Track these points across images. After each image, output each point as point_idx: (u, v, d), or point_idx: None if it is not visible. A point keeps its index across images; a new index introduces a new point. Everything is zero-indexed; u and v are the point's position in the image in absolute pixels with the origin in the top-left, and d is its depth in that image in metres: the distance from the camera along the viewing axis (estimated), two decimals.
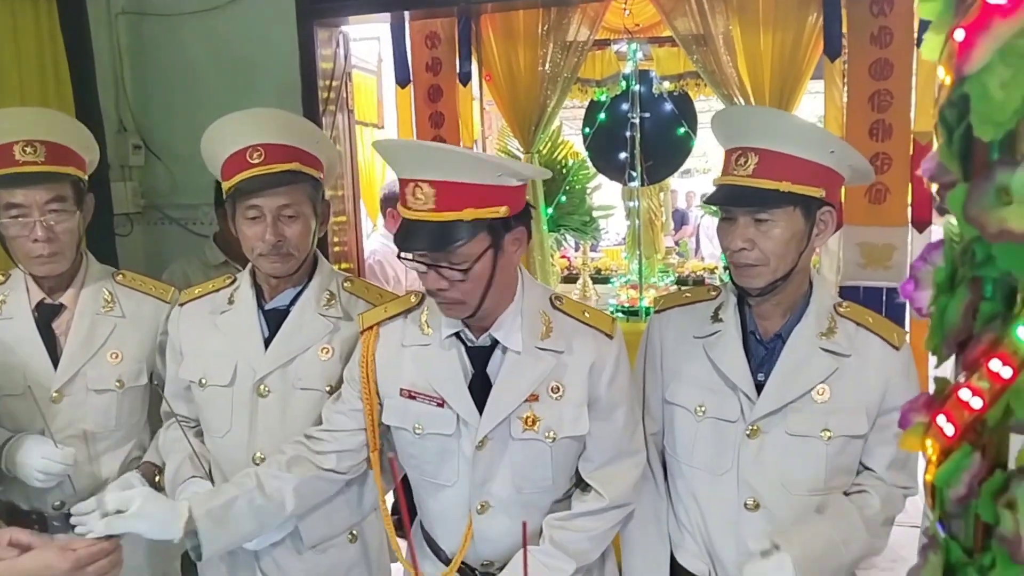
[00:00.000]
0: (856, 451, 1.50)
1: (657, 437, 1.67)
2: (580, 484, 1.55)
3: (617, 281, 4.21)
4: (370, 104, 6.56)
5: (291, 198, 1.64)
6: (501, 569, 1.48)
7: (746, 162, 1.43)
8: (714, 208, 1.63)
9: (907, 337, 1.53)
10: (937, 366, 0.43)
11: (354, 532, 1.77)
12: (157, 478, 1.80)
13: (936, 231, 7.19)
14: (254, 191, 1.62)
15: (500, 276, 1.41)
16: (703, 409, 1.55)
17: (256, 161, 1.62)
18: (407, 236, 1.37)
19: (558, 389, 1.47)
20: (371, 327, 1.59)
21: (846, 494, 1.52)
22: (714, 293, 1.65)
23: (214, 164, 1.70)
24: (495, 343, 1.48)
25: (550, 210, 4.01)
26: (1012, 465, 0.39)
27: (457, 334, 1.50)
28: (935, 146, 0.42)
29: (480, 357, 1.49)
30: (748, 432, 1.50)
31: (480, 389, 1.47)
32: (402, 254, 1.39)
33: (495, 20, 3.68)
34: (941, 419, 0.40)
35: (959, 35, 0.38)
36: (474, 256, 1.36)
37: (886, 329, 1.51)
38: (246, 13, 3.48)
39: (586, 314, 1.53)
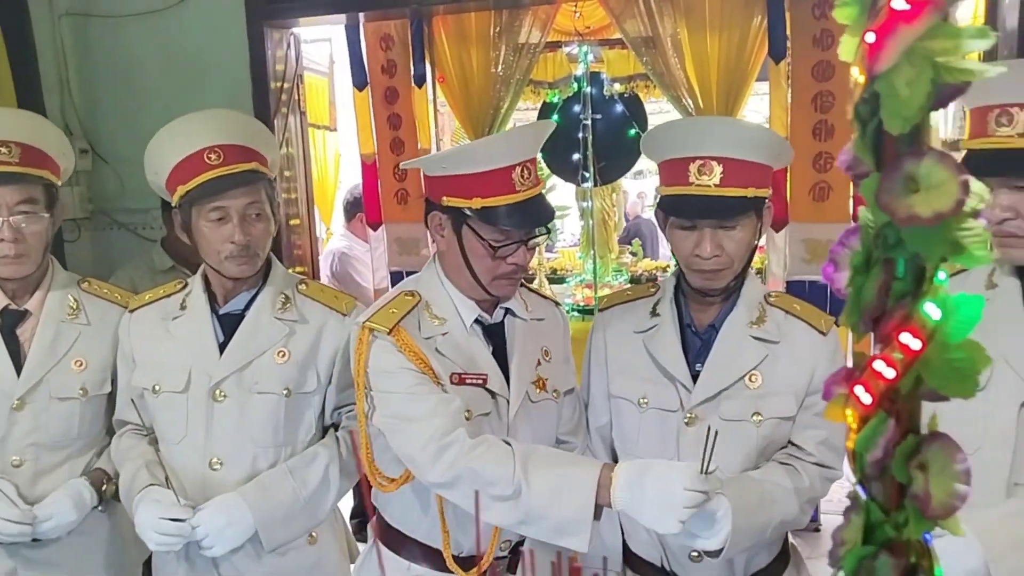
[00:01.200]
0: (785, 432, 1.56)
1: (604, 430, 1.71)
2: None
3: (572, 281, 4.26)
4: (322, 106, 6.52)
5: (256, 197, 1.65)
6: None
7: (711, 172, 1.46)
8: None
9: (835, 323, 1.58)
10: (856, 342, 0.47)
11: (313, 534, 1.77)
12: (105, 486, 1.79)
13: None
14: (220, 192, 1.61)
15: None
16: (645, 400, 1.60)
17: (215, 162, 1.62)
18: (524, 215, 1.51)
19: (548, 353, 1.65)
20: (392, 328, 1.52)
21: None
22: (653, 290, 1.69)
23: (161, 170, 1.68)
24: (503, 317, 1.62)
25: None
26: (924, 430, 0.43)
27: (476, 318, 1.60)
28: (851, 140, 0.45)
29: (495, 335, 1.62)
30: (686, 420, 1.54)
31: (501, 360, 1.60)
32: (494, 239, 1.52)
33: (447, 22, 3.70)
34: (859, 389, 0.43)
35: (870, 38, 0.41)
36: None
37: (813, 316, 1.57)
38: (194, 14, 3.44)
39: (542, 288, 1.74)
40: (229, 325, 1.72)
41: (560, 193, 4.63)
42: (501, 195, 1.47)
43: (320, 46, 6.06)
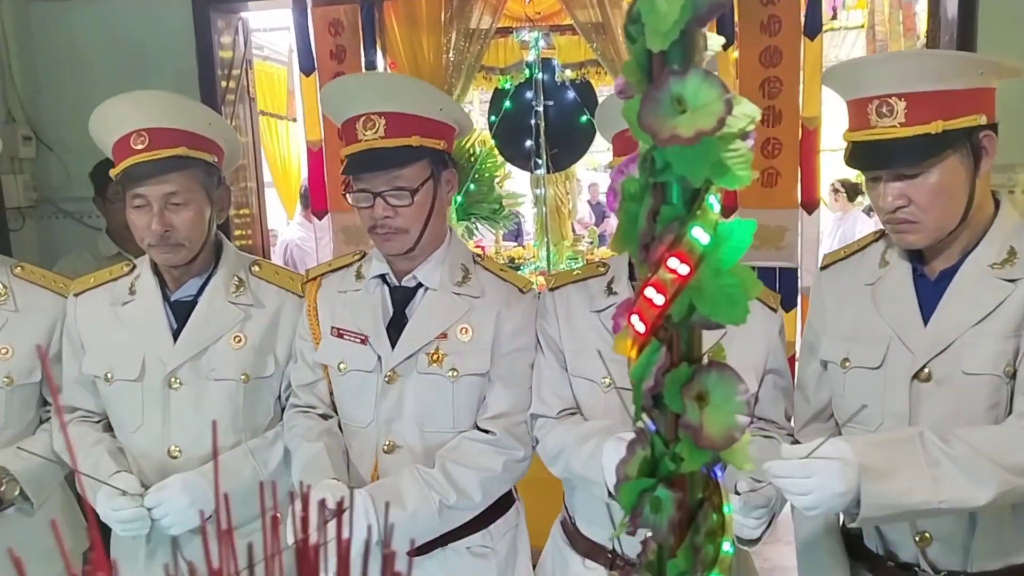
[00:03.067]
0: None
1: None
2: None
3: (527, 268, 4.25)
4: (281, 96, 6.45)
5: (178, 185, 1.59)
6: None
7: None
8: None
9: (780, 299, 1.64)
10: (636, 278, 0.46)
11: (277, 515, 1.76)
12: (3, 486, 1.69)
13: (825, 214, 7.38)
14: (138, 180, 1.57)
15: (438, 209, 1.57)
16: (607, 380, 1.59)
17: (139, 147, 1.57)
18: (359, 163, 1.50)
19: (467, 331, 1.58)
20: (314, 278, 1.71)
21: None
22: (603, 269, 1.68)
23: (105, 148, 1.65)
24: (417, 287, 1.61)
25: (459, 198, 4.03)
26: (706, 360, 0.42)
27: (383, 276, 1.62)
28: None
29: (402, 299, 1.61)
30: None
31: (398, 329, 1.58)
32: (349, 193, 1.53)
33: (398, 7, 3.67)
34: (635, 318, 0.42)
35: None
36: (419, 180, 1.51)
37: (765, 294, 1.60)
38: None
39: (503, 271, 1.68)
40: (182, 312, 1.68)
41: (517, 181, 4.61)
42: (349, 144, 1.53)
43: (280, 35, 5.99)
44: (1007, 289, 1.33)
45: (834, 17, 6.55)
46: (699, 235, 0.40)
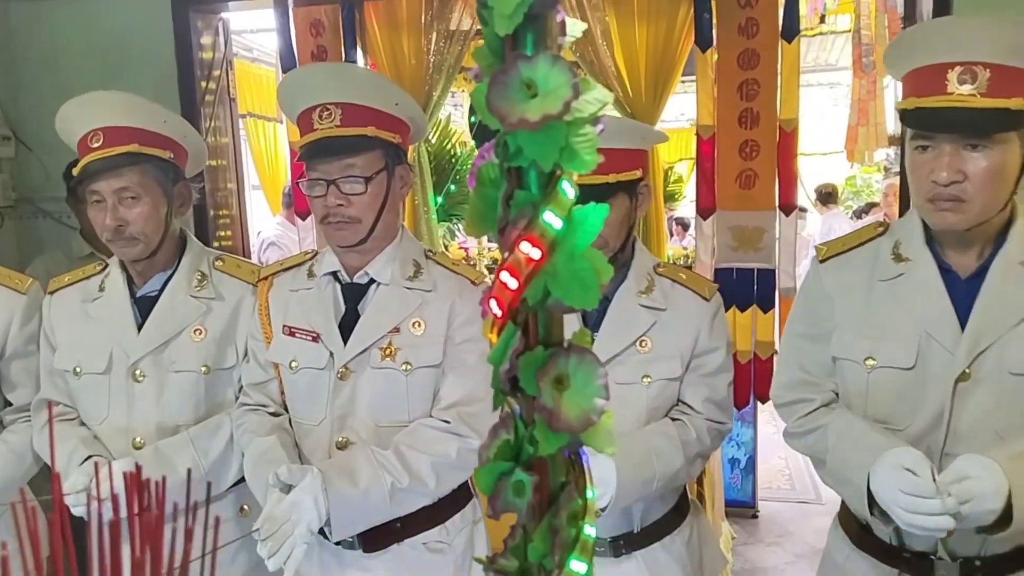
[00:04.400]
0: (672, 393, 1.63)
1: None
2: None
3: None
4: (269, 97, 6.44)
5: (130, 180, 1.64)
6: None
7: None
8: None
9: (717, 290, 1.67)
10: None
11: (244, 507, 1.78)
12: None
13: (814, 219, 7.44)
14: (92, 175, 1.61)
15: (391, 202, 1.57)
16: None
17: (96, 145, 1.63)
18: (314, 151, 1.51)
19: (419, 325, 1.58)
20: (266, 277, 1.72)
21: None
22: None
23: (74, 149, 1.70)
24: (369, 283, 1.61)
25: (440, 199, 4.03)
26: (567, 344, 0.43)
27: (335, 274, 1.62)
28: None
29: (354, 296, 1.61)
30: None
31: (350, 326, 1.59)
32: (302, 180, 1.54)
33: (379, 8, 3.68)
34: (492, 303, 0.43)
35: None
36: (373, 169, 1.53)
37: (698, 284, 1.66)
38: None
39: (455, 265, 1.68)
40: (146, 306, 1.73)
41: None
42: (305, 134, 1.55)
43: (269, 36, 5.98)
44: None
45: (822, 21, 6.58)
46: (551, 220, 0.41)
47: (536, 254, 0.40)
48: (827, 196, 7.20)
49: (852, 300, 1.48)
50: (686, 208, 8.50)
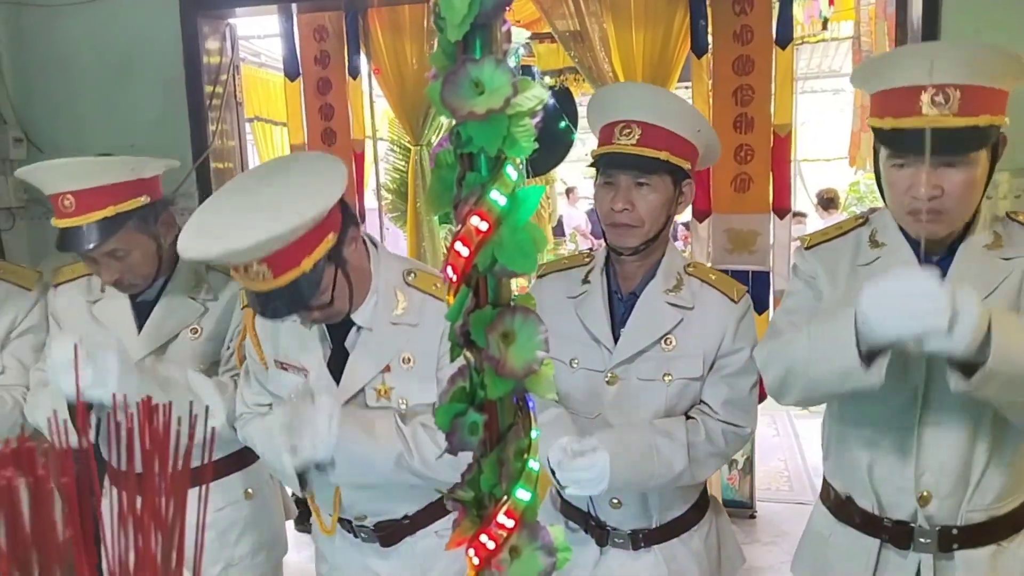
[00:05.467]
0: (694, 392, 1.65)
1: None
2: None
3: None
4: (276, 101, 6.52)
5: (116, 243, 1.65)
6: (374, 521, 1.63)
7: (630, 133, 1.56)
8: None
9: (746, 292, 1.68)
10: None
11: (249, 490, 1.86)
12: None
13: (815, 221, 7.46)
14: (76, 246, 1.63)
15: (354, 275, 1.49)
16: (576, 362, 1.68)
17: (68, 210, 1.62)
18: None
19: (409, 360, 1.55)
20: (245, 305, 1.67)
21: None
22: (588, 259, 1.77)
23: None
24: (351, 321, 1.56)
25: None
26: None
27: None
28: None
29: (338, 332, 1.58)
30: (607, 379, 1.64)
31: (339, 361, 1.57)
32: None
33: (382, 14, 3.75)
34: (449, 270, 0.50)
35: None
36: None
37: (727, 285, 1.67)
38: (128, 5, 3.47)
39: (436, 286, 1.60)
40: (145, 311, 1.79)
41: None
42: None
43: (275, 41, 6.06)
44: (1006, 267, 1.45)
45: (824, 28, 6.62)
46: (497, 198, 0.48)
47: (484, 227, 0.47)
48: (828, 201, 7.25)
49: (836, 282, 1.57)
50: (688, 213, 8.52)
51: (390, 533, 1.64)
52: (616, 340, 1.64)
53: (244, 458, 1.88)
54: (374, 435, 1.49)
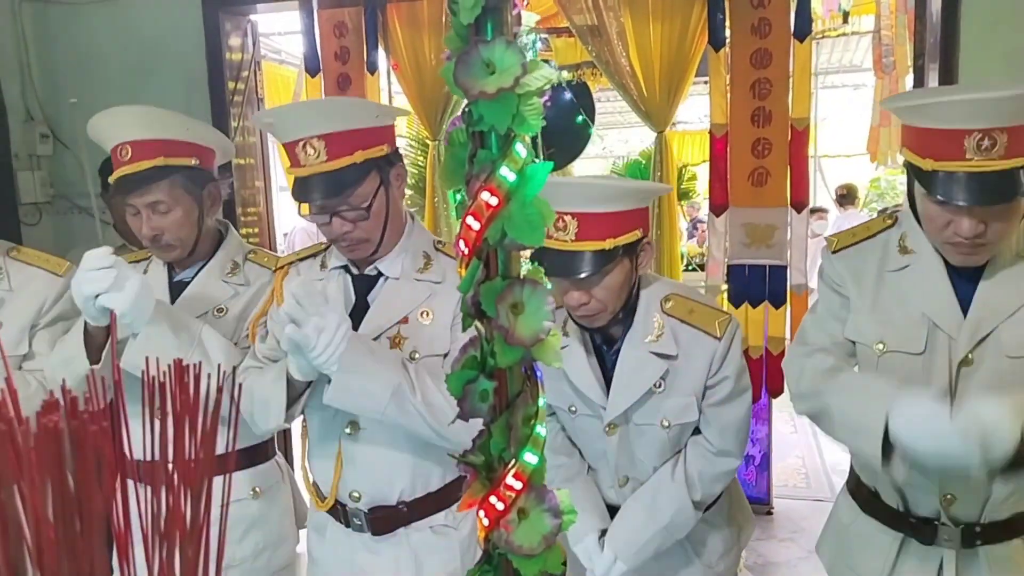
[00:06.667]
0: (690, 430, 1.69)
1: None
2: None
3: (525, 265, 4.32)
4: (299, 99, 6.57)
5: (161, 194, 1.72)
6: (368, 504, 1.61)
7: (565, 228, 1.49)
8: None
9: (730, 321, 1.64)
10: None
11: (256, 489, 1.87)
12: None
13: (835, 217, 7.40)
14: (125, 191, 1.71)
15: (393, 210, 1.57)
16: (574, 409, 1.71)
17: (125, 159, 1.71)
18: (306, 191, 1.50)
19: (428, 314, 1.59)
20: (283, 267, 1.75)
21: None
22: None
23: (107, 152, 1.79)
24: (379, 274, 1.62)
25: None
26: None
27: (344, 267, 1.65)
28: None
29: (364, 287, 1.63)
30: (607, 430, 1.67)
31: (361, 316, 1.60)
32: (305, 215, 1.55)
33: (401, 10, 3.78)
34: (461, 244, 0.52)
35: None
36: (370, 194, 1.51)
37: (707, 322, 1.62)
38: (151, 2, 3.53)
39: None
40: (178, 290, 1.84)
41: None
42: (293, 167, 1.54)
43: (295, 38, 6.12)
44: None
45: (845, 21, 6.58)
46: (506, 174, 0.50)
47: (495, 201, 0.50)
48: (844, 197, 7.21)
49: (863, 288, 1.56)
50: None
51: (383, 520, 1.62)
52: (607, 389, 1.65)
53: (253, 455, 1.90)
54: (378, 359, 1.48)
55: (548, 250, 1.51)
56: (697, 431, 1.70)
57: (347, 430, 1.60)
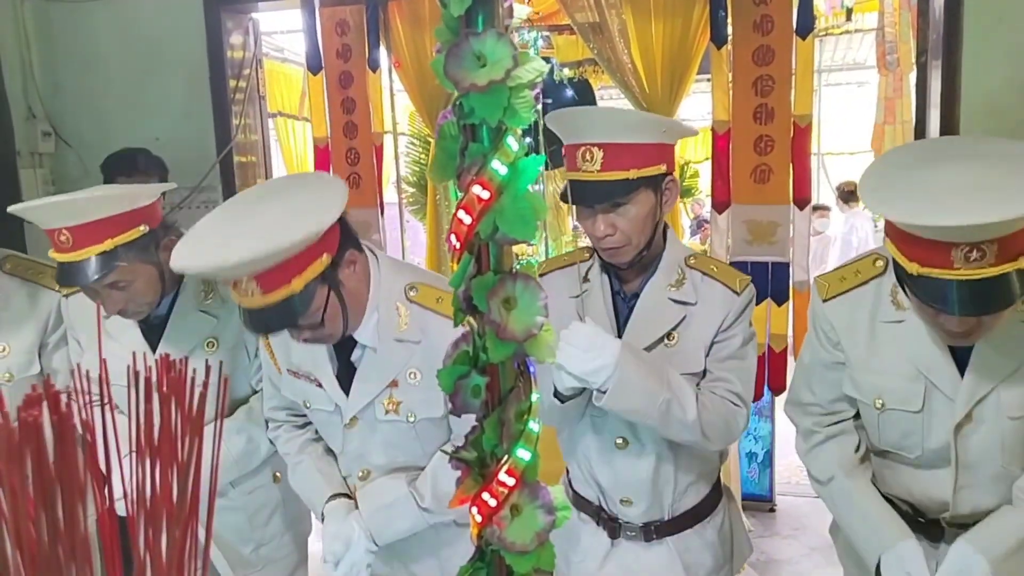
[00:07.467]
0: (694, 384, 1.63)
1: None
2: None
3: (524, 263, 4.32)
4: (299, 97, 6.57)
5: (116, 276, 1.61)
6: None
7: (592, 158, 1.49)
8: None
9: (749, 282, 1.63)
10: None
11: (277, 474, 1.89)
12: None
13: (837, 215, 7.38)
14: (76, 282, 1.60)
15: (350, 299, 1.46)
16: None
17: (65, 243, 1.56)
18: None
19: (415, 375, 1.56)
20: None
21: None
22: (588, 255, 1.73)
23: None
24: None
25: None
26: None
27: None
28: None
29: (344, 347, 1.58)
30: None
31: (348, 373, 1.58)
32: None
33: (402, 7, 3.78)
34: (452, 238, 0.52)
35: None
36: (320, 307, 1.41)
37: (729, 277, 1.63)
38: (153, 0, 3.53)
39: (439, 301, 1.57)
40: (156, 330, 1.78)
41: None
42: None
43: (297, 37, 6.10)
44: None
45: (849, 19, 6.56)
46: (498, 167, 0.50)
47: (486, 195, 0.49)
48: (849, 195, 7.18)
49: (857, 338, 1.53)
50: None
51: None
52: (620, 336, 1.62)
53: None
54: (386, 499, 1.60)
55: (575, 182, 1.54)
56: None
57: (359, 476, 1.69)
